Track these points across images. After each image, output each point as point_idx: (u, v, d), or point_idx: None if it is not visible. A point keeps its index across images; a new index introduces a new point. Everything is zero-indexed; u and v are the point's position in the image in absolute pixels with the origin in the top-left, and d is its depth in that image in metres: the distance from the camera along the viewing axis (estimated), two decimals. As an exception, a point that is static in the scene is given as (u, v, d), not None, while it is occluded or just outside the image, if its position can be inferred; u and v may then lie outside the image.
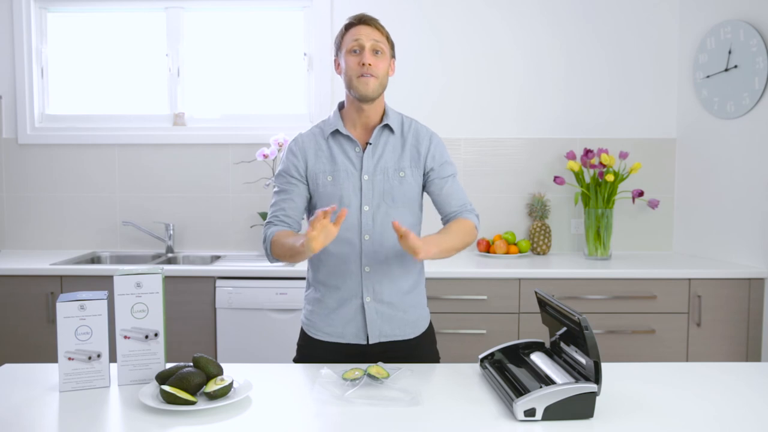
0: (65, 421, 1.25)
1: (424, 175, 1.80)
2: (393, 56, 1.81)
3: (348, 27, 1.75)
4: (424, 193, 1.85)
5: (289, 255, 1.69)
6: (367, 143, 1.77)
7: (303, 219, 1.85)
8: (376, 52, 1.72)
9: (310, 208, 1.83)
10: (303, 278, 2.59)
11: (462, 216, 1.81)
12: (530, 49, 3.29)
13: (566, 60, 3.29)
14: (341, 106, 1.84)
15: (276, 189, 1.82)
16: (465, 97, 3.30)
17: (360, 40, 1.71)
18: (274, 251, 1.74)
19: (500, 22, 3.28)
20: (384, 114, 1.80)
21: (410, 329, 1.80)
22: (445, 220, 1.85)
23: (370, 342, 1.76)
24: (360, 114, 1.77)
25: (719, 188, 3.00)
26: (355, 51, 1.72)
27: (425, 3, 3.27)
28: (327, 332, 1.79)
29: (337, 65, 1.79)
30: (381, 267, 1.75)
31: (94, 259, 3.24)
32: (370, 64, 1.70)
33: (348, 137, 1.78)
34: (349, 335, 1.77)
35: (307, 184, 1.79)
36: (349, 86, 1.74)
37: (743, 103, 2.82)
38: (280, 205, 1.80)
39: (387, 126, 1.79)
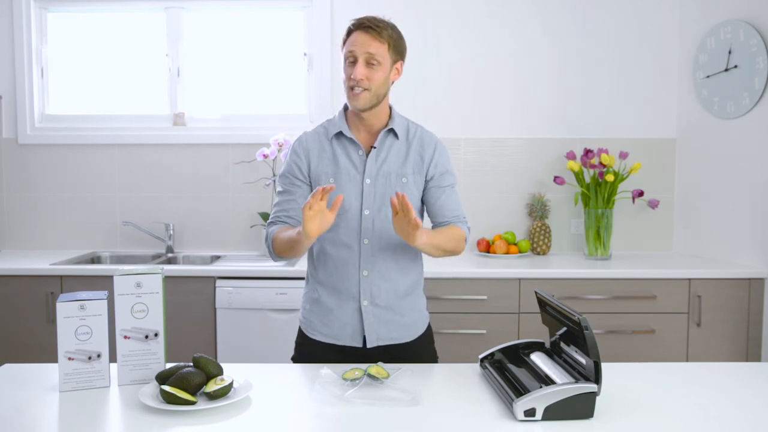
0: (65, 421, 1.25)
1: (425, 182, 1.79)
2: (399, 59, 1.75)
3: (349, 32, 1.71)
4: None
5: (289, 248, 1.68)
6: (371, 147, 1.76)
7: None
8: (371, 63, 1.68)
9: None
10: (302, 278, 2.59)
11: (454, 224, 1.80)
12: (530, 49, 3.29)
13: (566, 60, 3.29)
14: (347, 107, 1.81)
15: (279, 189, 1.82)
16: (465, 97, 3.30)
17: (354, 51, 1.67)
18: (276, 249, 1.74)
19: (500, 21, 3.28)
20: (390, 118, 1.79)
21: (407, 332, 1.80)
22: (437, 226, 1.83)
23: (368, 346, 1.75)
24: (361, 119, 1.76)
25: (719, 188, 3.00)
26: (350, 61, 1.69)
27: (425, 3, 3.27)
28: (324, 333, 1.78)
29: None
30: (379, 271, 1.75)
31: (94, 259, 3.24)
32: (361, 79, 1.66)
33: (351, 140, 1.76)
34: (346, 337, 1.76)
35: (310, 185, 1.78)
36: (346, 95, 1.73)
37: (743, 103, 2.82)
38: (282, 206, 1.79)
39: (392, 131, 1.77)
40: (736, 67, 2.86)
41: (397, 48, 1.74)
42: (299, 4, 3.33)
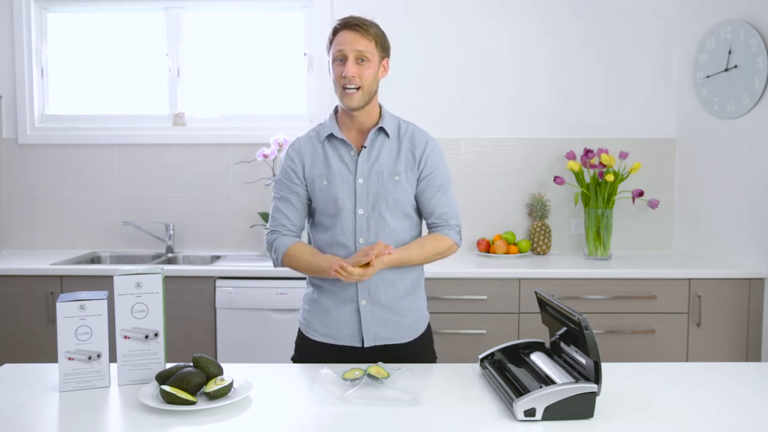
0: (65, 421, 1.26)
1: (417, 180, 1.79)
2: (386, 56, 1.78)
3: (335, 32, 1.73)
4: None
5: (308, 271, 1.76)
6: (362, 147, 1.77)
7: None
8: (360, 60, 1.70)
9: (310, 212, 1.84)
10: (303, 278, 2.59)
11: (441, 231, 1.80)
12: (530, 49, 3.29)
13: (566, 60, 3.29)
14: (336, 109, 1.84)
15: (277, 195, 1.82)
16: (465, 97, 3.30)
17: (343, 50, 1.70)
18: (289, 263, 1.77)
19: (500, 21, 3.28)
20: (380, 117, 1.80)
21: (406, 332, 1.80)
22: (428, 226, 1.84)
23: (366, 345, 1.76)
24: (352, 119, 1.77)
25: (719, 188, 3.00)
26: (340, 60, 1.71)
27: (425, 3, 3.27)
28: (323, 333, 1.79)
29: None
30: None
31: (94, 259, 3.24)
32: (353, 77, 1.68)
33: (343, 141, 1.77)
34: (344, 337, 1.77)
35: (306, 189, 1.80)
36: (337, 95, 1.74)
37: (743, 103, 2.82)
38: (284, 213, 1.80)
39: (382, 129, 1.78)
40: (736, 67, 2.86)
41: (383, 45, 1.76)
42: (299, 4, 3.33)
